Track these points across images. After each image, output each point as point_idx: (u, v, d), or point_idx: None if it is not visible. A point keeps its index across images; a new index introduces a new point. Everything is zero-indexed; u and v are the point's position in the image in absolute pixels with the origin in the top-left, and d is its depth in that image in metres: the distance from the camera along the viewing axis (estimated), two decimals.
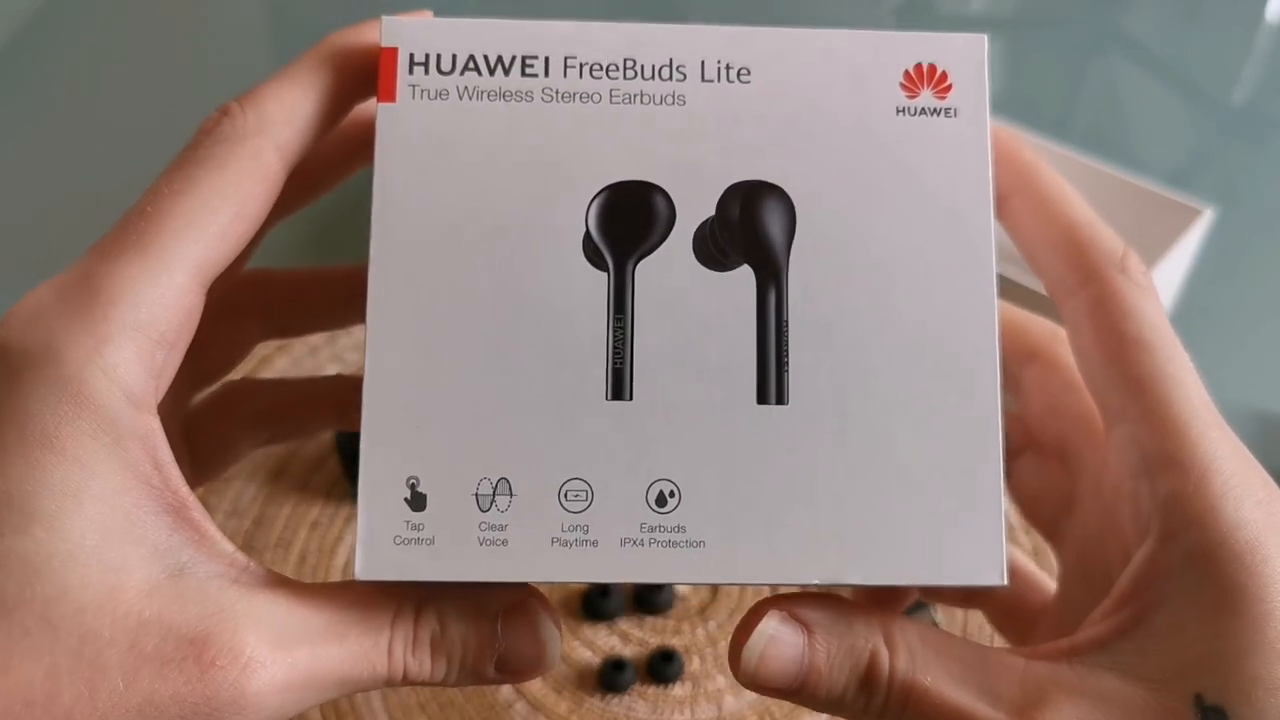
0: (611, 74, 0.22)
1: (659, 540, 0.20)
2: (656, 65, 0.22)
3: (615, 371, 0.21)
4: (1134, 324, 0.21)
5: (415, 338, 0.21)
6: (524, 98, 0.22)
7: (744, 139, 0.22)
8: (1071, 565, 0.25)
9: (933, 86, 0.22)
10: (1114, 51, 0.81)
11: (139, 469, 0.19)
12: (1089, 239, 0.22)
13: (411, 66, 0.22)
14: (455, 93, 0.22)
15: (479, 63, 0.22)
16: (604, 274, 0.21)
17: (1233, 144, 0.71)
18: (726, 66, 0.22)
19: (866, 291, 0.21)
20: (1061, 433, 0.25)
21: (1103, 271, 0.22)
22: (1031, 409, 0.26)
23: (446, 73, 0.22)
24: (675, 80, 0.22)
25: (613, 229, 0.21)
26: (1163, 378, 0.21)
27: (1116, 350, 0.21)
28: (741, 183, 0.21)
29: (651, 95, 0.22)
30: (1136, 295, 0.22)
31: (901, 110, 0.22)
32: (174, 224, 0.20)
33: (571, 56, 0.22)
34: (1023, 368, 0.26)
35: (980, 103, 0.22)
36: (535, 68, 0.22)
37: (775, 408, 0.21)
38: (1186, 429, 0.20)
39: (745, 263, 0.21)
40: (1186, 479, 0.20)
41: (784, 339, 0.21)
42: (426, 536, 0.20)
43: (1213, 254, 0.54)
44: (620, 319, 0.21)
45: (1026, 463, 0.26)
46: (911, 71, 0.22)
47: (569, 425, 0.21)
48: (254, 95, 0.22)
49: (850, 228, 0.21)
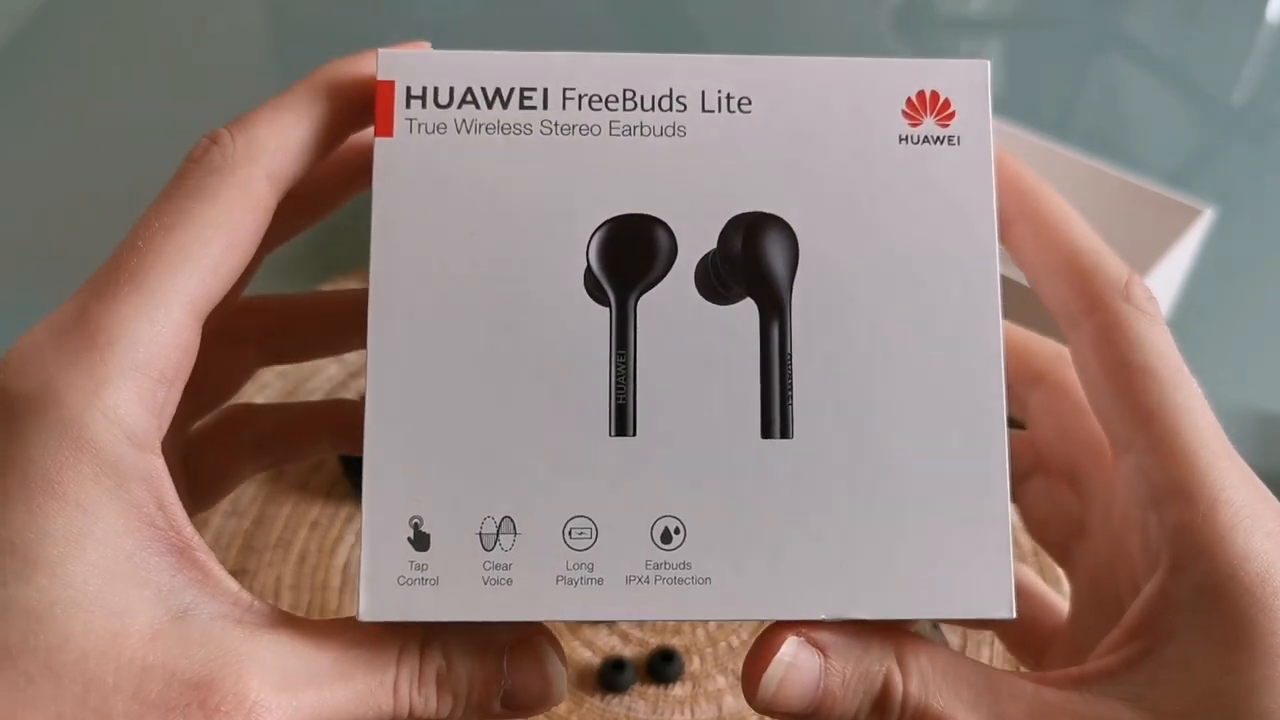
0: (611, 105, 0.22)
1: (665, 577, 0.20)
2: (656, 96, 0.22)
3: (618, 407, 0.21)
4: (1139, 353, 0.21)
5: (417, 376, 0.21)
6: (523, 130, 0.21)
7: (745, 170, 0.21)
8: (1083, 589, 0.25)
9: (935, 114, 0.22)
10: (1114, 51, 0.81)
11: (142, 510, 0.19)
12: (1092, 266, 0.22)
13: (409, 100, 0.21)
14: (453, 126, 0.21)
15: (477, 96, 0.21)
16: (606, 309, 0.21)
17: (1233, 144, 0.71)
18: (727, 96, 0.22)
19: (870, 323, 0.21)
20: (1070, 457, 0.25)
21: (1106, 299, 0.21)
22: (1040, 432, 0.25)
23: (444, 106, 0.21)
24: (675, 111, 0.22)
25: (614, 263, 0.21)
26: (1170, 407, 0.21)
27: (1122, 380, 0.21)
28: (743, 215, 0.21)
29: (651, 127, 0.21)
30: (1141, 323, 0.21)
31: (904, 139, 0.22)
32: (167, 259, 0.20)
33: (570, 88, 0.22)
34: (1029, 390, 0.25)
35: (984, 129, 0.22)
36: (534, 100, 0.21)
37: (780, 442, 0.21)
38: (1195, 458, 0.20)
39: (748, 295, 0.21)
40: (1195, 509, 0.20)
41: (788, 372, 0.21)
42: (430, 576, 0.20)
43: (1213, 254, 0.54)
44: (623, 354, 0.21)
45: (1036, 486, 0.26)
46: (914, 99, 0.22)
47: (572, 462, 0.21)
48: (245, 122, 0.21)
49: (854, 259, 0.21)
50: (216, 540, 0.41)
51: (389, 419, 0.21)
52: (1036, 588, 0.27)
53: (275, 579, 0.40)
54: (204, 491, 0.27)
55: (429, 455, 0.21)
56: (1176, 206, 0.51)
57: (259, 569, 0.40)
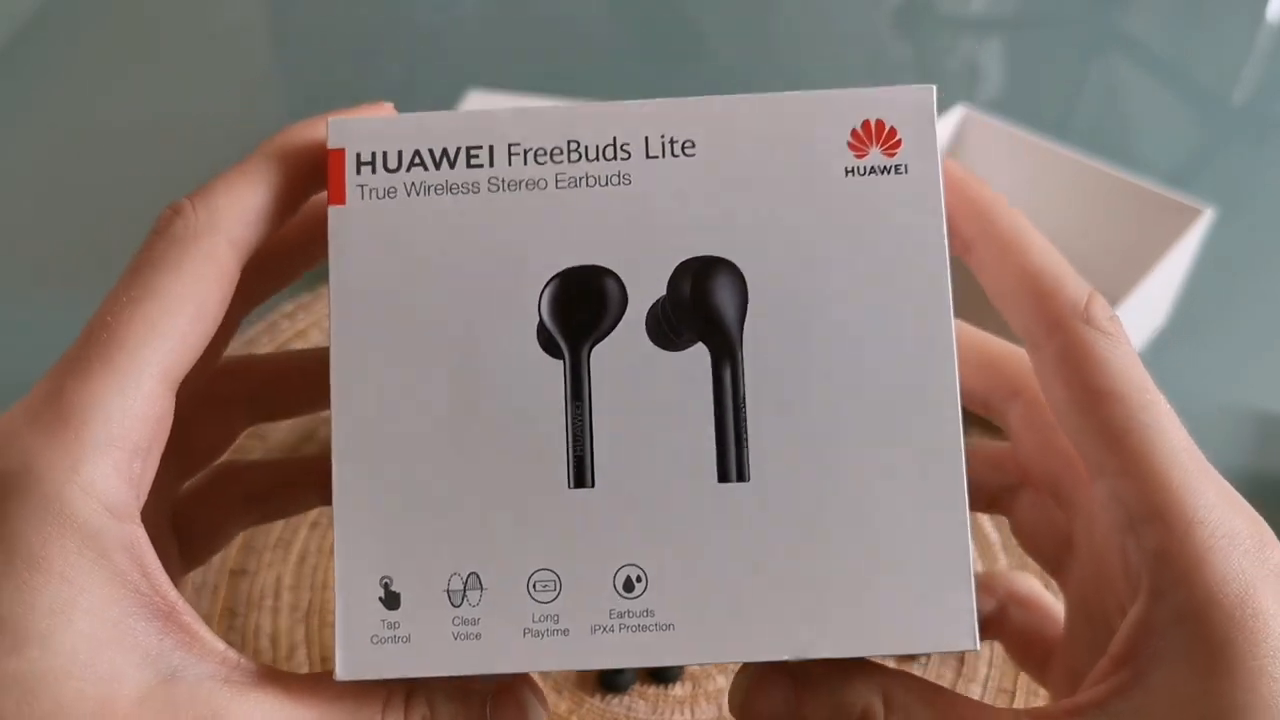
0: (556, 158, 0.22)
1: (629, 625, 0.21)
2: (600, 145, 0.22)
3: (576, 459, 0.21)
4: (1102, 376, 0.21)
5: (381, 439, 0.21)
6: (471, 189, 0.22)
7: (691, 214, 0.22)
8: (1074, 604, 0.25)
9: (881, 144, 0.22)
10: (1114, 51, 0.81)
11: (126, 578, 0.20)
12: (1052, 287, 0.22)
13: (359, 167, 0.22)
14: (403, 190, 0.22)
15: (425, 158, 0.22)
16: (560, 361, 0.21)
17: (1233, 144, 0.71)
18: (671, 140, 0.22)
19: (824, 361, 0.21)
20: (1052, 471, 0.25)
21: (1066, 322, 0.21)
22: (1021, 447, 0.25)
23: (393, 170, 0.22)
24: (620, 159, 0.22)
25: (565, 316, 0.21)
26: (1137, 428, 0.20)
27: (1087, 404, 0.21)
28: (690, 260, 0.21)
29: (597, 177, 0.22)
30: (1103, 345, 0.21)
31: (850, 170, 0.22)
32: (135, 332, 0.20)
33: (515, 143, 0.22)
34: (1008, 404, 0.25)
35: (930, 156, 0.22)
36: (480, 158, 0.22)
37: (736, 485, 0.21)
38: (1166, 480, 0.20)
39: (699, 340, 0.21)
40: (1171, 533, 0.20)
41: (742, 416, 0.21)
42: (402, 634, 0.21)
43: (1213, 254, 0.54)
44: (578, 406, 0.21)
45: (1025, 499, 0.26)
46: (859, 129, 0.22)
47: (534, 516, 0.21)
48: (205, 192, 0.22)
49: (804, 297, 0.21)
50: None
51: (355, 483, 0.21)
52: (1038, 596, 0.27)
53: (275, 579, 0.40)
54: (195, 550, 0.27)
55: (396, 516, 0.21)
56: (1176, 206, 0.51)
57: (259, 569, 0.40)
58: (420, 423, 0.21)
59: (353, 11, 0.80)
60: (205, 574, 0.40)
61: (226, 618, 0.38)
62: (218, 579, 0.40)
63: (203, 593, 0.39)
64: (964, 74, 0.77)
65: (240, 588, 0.40)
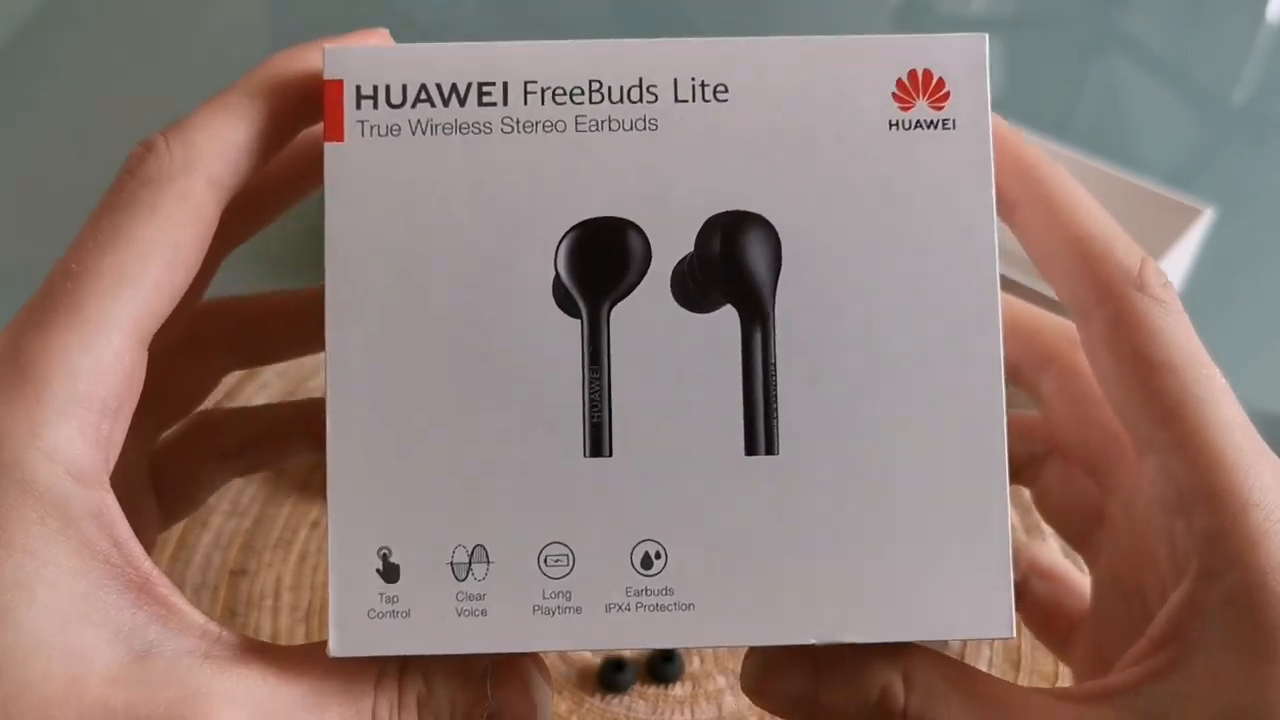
0: (576, 99, 0.20)
1: (646, 604, 0.19)
2: (625, 86, 0.20)
3: (594, 426, 0.20)
4: (1156, 346, 0.20)
5: (379, 400, 0.20)
6: (482, 129, 0.20)
7: (723, 165, 0.20)
8: (1104, 581, 0.24)
9: (928, 96, 0.20)
10: (1114, 51, 0.81)
11: (95, 548, 0.18)
12: (1102, 251, 0.20)
13: (359, 101, 0.20)
14: (408, 128, 0.20)
15: (432, 93, 0.20)
16: (577, 320, 0.20)
17: (1233, 144, 0.71)
18: (701, 84, 0.20)
19: (860, 328, 0.20)
20: (1088, 445, 0.24)
21: (1118, 288, 0.20)
22: (1055, 418, 0.24)
23: (397, 106, 0.20)
24: (646, 102, 0.20)
25: (584, 272, 0.20)
26: (1191, 402, 0.19)
27: (1139, 375, 0.20)
28: (720, 214, 0.20)
29: (621, 120, 0.20)
30: (1157, 313, 0.20)
31: (895, 124, 0.20)
32: (103, 282, 0.19)
33: (532, 81, 0.20)
34: (1040, 374, 0.24)
35: (981, 111, 0.20)
36: (493, 95, 0.20)
37: (765, 458, 0.20)
38: (1220, 458, 0.19)
39: (728, 302, 0.20)
40: (1224, 514, 0.19)
41: (772, 384, 0.20)
42: (402, 609, 0.19)
43: (1213, 254, 0.54)
44: (596, 370, 0.20)
45: (1052, 470, 0.25)
46: (905, 80, 0.20)
47: (546, 486, 0.20)
48: (180, 127, 0.20)
49: (841, 259, 0.20)
50: (216, 540, 0.41)
51: (351, 445, 0.20)
52: (1061, 569, 0.26)
53: (275, 579, 0.40)
54: (174, 504, 0.26)
55: (395, 483, 0.20)
56: (1176, 206, 0.51)
57: (259, 569, 0.40)
58: (423, 383, 0.20)
59: (353, 11, 0.80)
60: (205, 574, 0.40)
61: (226, 618, 0.38)
62: (218, 579, 0.40)
63: (202, 593, 0.39)
64: None
65: (240, 588, 0.40)
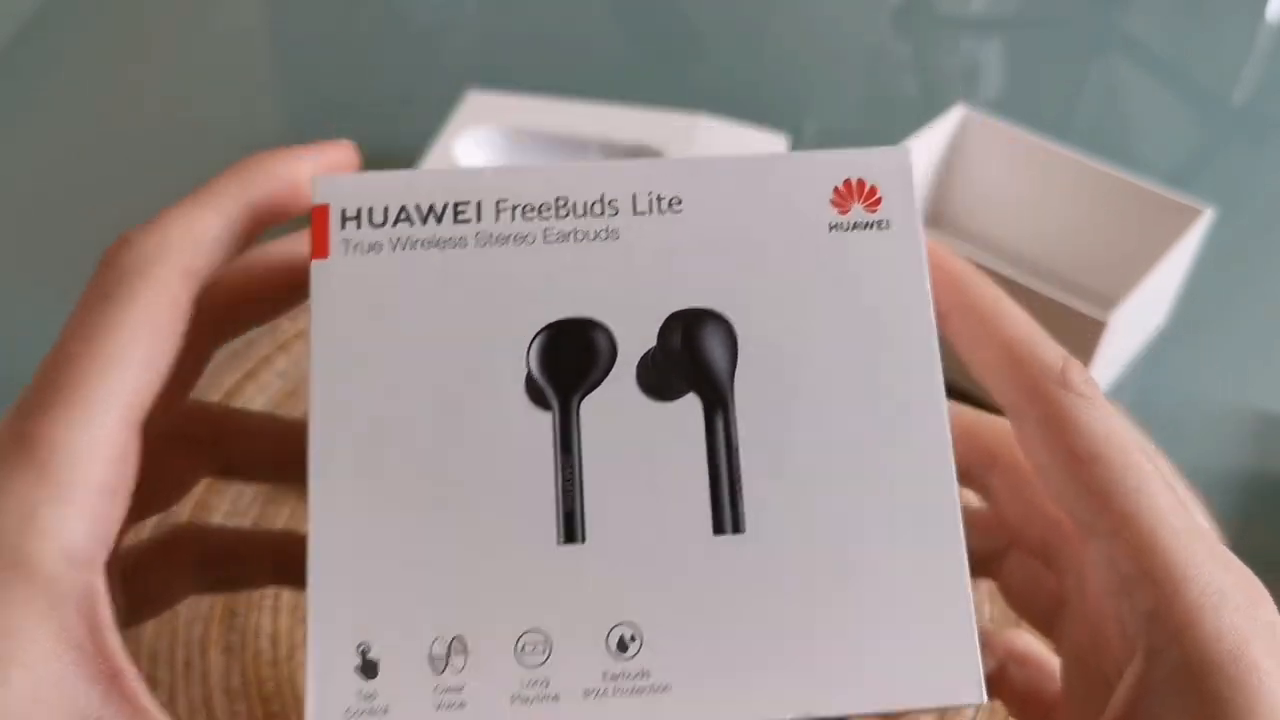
0: (544, 214, 0.22)
1: (623, 688, 0.20)
2: (588, 202, 0.22)
3: (566, 514, 0.20)
4: (1084, 440, 0.21)
5: (361, 498, 0.20)
6: (458, 244, 0.22)
7: (680, 268, 0.22)
8: (1070, 662, 0.24)
9: (863, 201, 0.22)
10: (1114, 51, 0.81)
11: (72, 635, 0.19)
12: (1027, 355, 0.22)
13: (344, 222, 0.22)
14: (389, 245, 0.22)
15: (411, 213, 0.22)
16: (549, 413, 0.21)
17: (1233, 144, 0.71)
18: (658, 198, 0.22)
19: (815, 412, 0.21)
20: (1039, 534, 0.25)
21: (1045, 389, 0.21)
22: (1005, 512, 0.25)
23: (379, 225, 0.22)
24: (608, 215, 0.22)
25: (554, 368, 0.21)
26: (1124, 491, 0.21)
27: (1073, 470, 0.21)
28: (681, 311, 0.21)
29: (585, 232, 0.22)
30: (1082, 409, 0.21)
31: (834, 226, 0.22)
32: (92, 366, 0.20)
33: (503, 200, 0.22)
34: (986, 472, 0.25)
35: (911, 212, 0.22)
36: (468, 213, 0.22)
37: (733, 538, 0.20)
38: (1155, 540, 0.20)
39: (691, 391, 0.21)
40: (1162, 593, 0.20)
41: (735, 464, 0.21)
42: (380, 706, 0.20)
43: (1213, 254, 0.54)
44: (568, 459, 0.21)
45: (1013, 561, 0.26)
46: (841, 188, 0.22)
47: (522, 574, 0.20)
48: (156, 221, 0.21)
49: (794, 348, 0.21)
50: None
51: (334, 544, 0.20)
52: (1037, 653, 0.27)
53: None
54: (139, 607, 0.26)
55: (375, 579, 0.20)
56: (1176, 206, 0.51)
57: None
58: (404, 481, 0.20)
59: (353, 11, 0.80)
60: None
61: (227, 618, 0.38)
62: None
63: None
64: (964, 74, 0.77)
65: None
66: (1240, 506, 0.46)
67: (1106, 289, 0.54)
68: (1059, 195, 0.54)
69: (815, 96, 0.72)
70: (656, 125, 0.58)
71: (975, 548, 0.25)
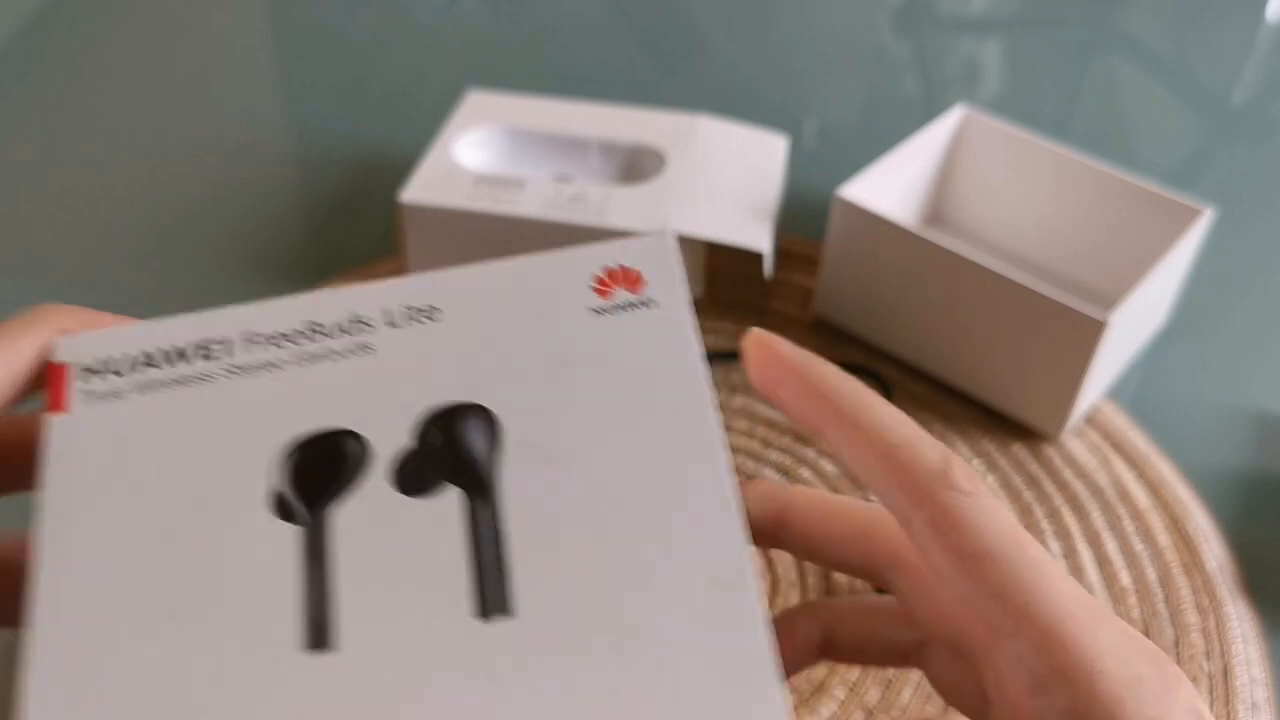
0: (296, 339, 0.22)
1: None
2: (339, 323, 0.22)
3: (314, 622, 0.19)
4: (974, 538, 0.21)
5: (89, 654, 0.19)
6: (206, 379, 0.21)
7: (439, 370, 0.22)
8: None
9: (626, 284, 0.22)
10: (1114, 51, 0.81)
11: None
12: (907, 459, 0.21)
13: (87, 376, 0.21)
14: (132, 390, 0.21)
15: (156, 357, 0.22)
16: (299, 527, 0.20)
17: (1233, 144, 0.71)
18: (414, 310, 0.22)
19: (586, 485, 0.20)
20: (950, 631, 0.24)
21: (928, 491, 0.21)
22: (916, 610, 0.25)
23: (121, 374, 0.21)
24: (361, 333, 0.22)
25: (299, 480, 0.21)
26: (1019, 587, 0.20)
27: (965, 568, 0.21)
28: (437, 407, 0.21)
29: (338, 351, 0.22)
30: (966, 506, 0.21)
31: (598, 310, 0.22)
32: None
33: (252, 332, 0.22)
34: (891, 572, 0.25)
35: (678, 290, 0.22)
36: (216, 350, 0.22)
37: (501, 623, 0.19)
38: (1060, 634, 0.20)
39: (451, 484, 0.21)
40: (1077, 690, 0.19)
41: (501, 545, 0.20)
42: None
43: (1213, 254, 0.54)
44: (316, 567, 0.20)
45: (936, 654, 0.25)
46: (602, 275, 0.22)
47: (270, 687, 0.19)
48: None
49: (562, 429, 0.21)
50: None
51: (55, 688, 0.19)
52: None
53: None
54: None
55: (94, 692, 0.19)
56: (1176, 206, 0.51)
57: None
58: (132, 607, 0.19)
59: (353, 12, 0.80)
60: None
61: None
62: None
63: None
64: (964, 74, 0.77)
65: None
66: (1240, 506, 0.46)
67: (1106, 289, 0.54)
68: (1059, 195, 0.55)
69: (815, 96, 0.72)
70: (656, 125, 0.57)
71: (902, 639, 0.26)
